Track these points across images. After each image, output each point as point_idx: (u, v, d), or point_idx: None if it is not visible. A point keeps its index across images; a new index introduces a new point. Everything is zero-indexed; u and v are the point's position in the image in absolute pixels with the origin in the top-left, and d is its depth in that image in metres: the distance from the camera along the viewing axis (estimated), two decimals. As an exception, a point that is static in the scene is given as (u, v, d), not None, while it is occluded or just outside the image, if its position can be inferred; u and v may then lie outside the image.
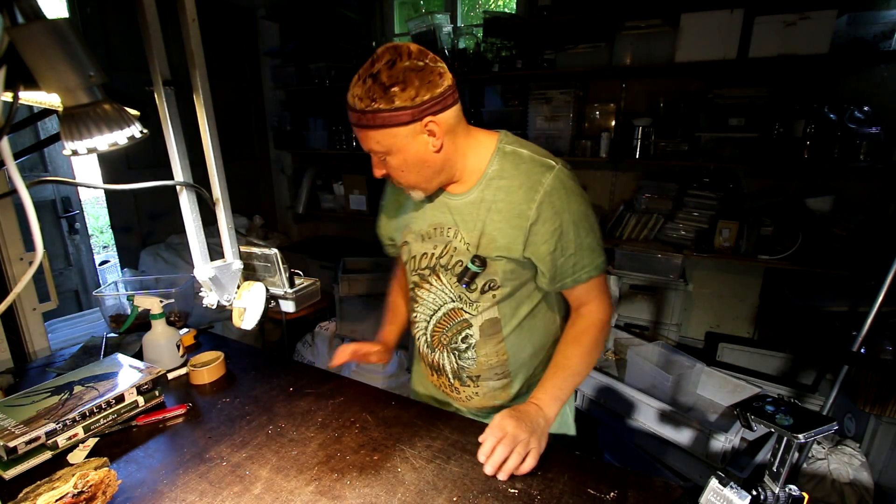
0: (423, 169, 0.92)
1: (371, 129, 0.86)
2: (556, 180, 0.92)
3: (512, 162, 0.95)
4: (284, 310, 1.01)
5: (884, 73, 2.17)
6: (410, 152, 0.89)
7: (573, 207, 0.93)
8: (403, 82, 0.82)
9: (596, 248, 0.97)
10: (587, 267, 0.96)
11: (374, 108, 0.83)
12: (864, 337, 1.48)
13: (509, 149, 0.97)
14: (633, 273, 2.55)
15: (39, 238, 0.64)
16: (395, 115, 0.83)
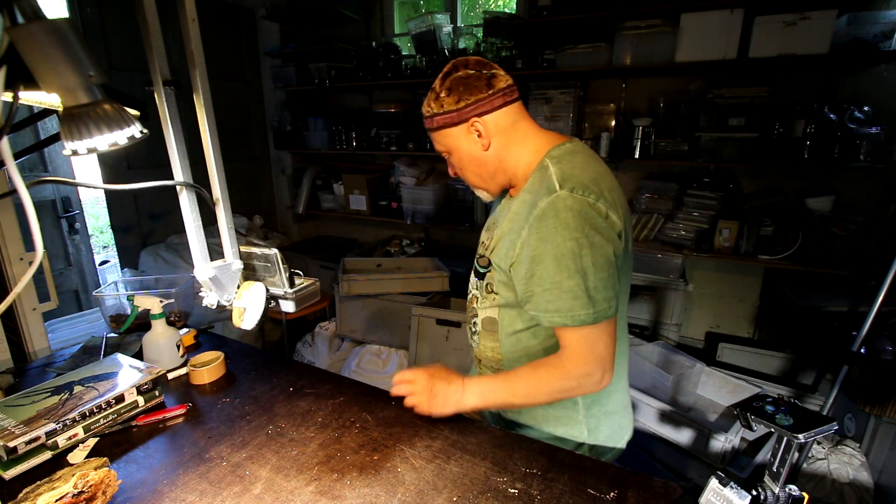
0: (479, 167, 1.00)
1: (431, 131, 1.00)
2: (551, 207, 0.86)
3: (539, 176, 0.94)
4: (284, 310, 1.02)
5: (884, 73, 2.17)
6: (463, 150, 0.98)
7: (559, 241, 0.85)
8: (450, 89, 0.93)
9: (579, 296, 0.85)
10: (561, 311, 0.87)
11: (431, 112, 0.97)
12: (864, 337, 1.48)
13: (546, 162, 0.94)
14: (633, 273, 2.55)
15: (39, 238, 0.64)
16: (444, 117, 0.95)
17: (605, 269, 0.86)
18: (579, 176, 0.89)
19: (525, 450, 0.96)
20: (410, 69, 3.07)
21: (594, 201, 0.86)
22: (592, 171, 0.92)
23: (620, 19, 2.36)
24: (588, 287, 0.85)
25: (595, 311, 0.86)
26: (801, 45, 2.05)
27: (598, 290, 0.86)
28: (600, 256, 0.86)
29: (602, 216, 0.86)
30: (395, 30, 3.52)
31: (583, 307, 0.86)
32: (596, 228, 0.85)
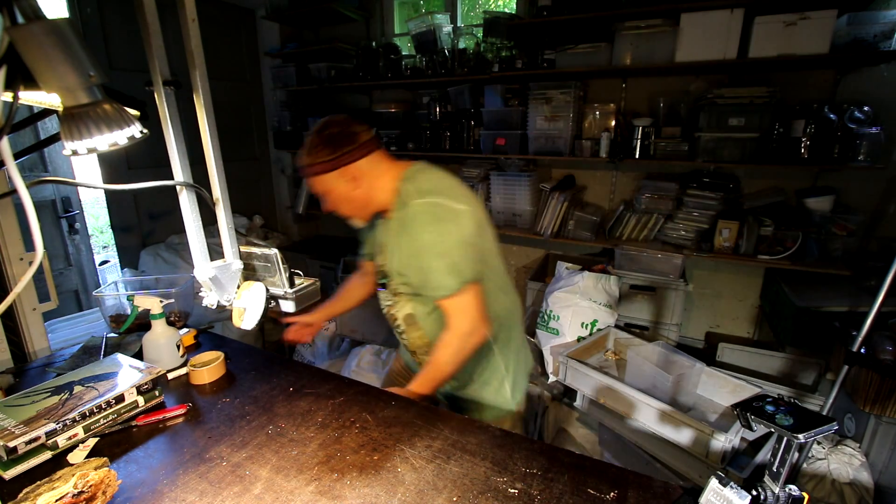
0: (351, 203, 1.22)
1: (309, 177, 1.20)
2: (410, 214, 1.14)
3: (401, 195, 1.19)
4: (284, 310, 1.02)
5: (884, 73, 2.17)
6: (338, 191, 1.19)
7: (422, 236, 1.13)
8: (324, 143, 1.15)
9: (446, 274, 1.12)
10: (438, 288, 1.14)
11: (308, 162, 1.16)
12: (864, 337, 1.48)
13: (398, 185, 1.20)
14: (633, 273, 2.55)
15: (39, 238, 0.64)
16: (321, 166, 1.15)
17: (461, 247, 1.13)
18: (424, 186, 1.17)
19: (525, 450, 0.96)
20: (410, 69, 3.07)
21: (440, 201, 1.14)
22: (434, 180, 1.20)
23: (620, 19, 2.36)
24: (451, 264, 1.12)
25: (459, 281, 1.13)
26: (801, 45, 2.05)
27: (458, 264, 1.12)
28: (454, 238, 1.12)
29: (447, 209, 1.14)
30: (395, 30, 3.52)
31: (452, 279, 1.12)
32: (445, 220, 1.13)
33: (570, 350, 2.09)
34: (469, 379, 1.33)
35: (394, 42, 3.35)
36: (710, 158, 2.37)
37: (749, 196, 2.51)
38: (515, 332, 1.38)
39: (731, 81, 2.42)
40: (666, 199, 2.56)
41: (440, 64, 2.95)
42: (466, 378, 1.33)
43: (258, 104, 3.85)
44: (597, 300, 2.37)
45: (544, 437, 2.21)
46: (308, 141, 1.17)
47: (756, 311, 2.72)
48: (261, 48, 3.76)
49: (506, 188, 2.88)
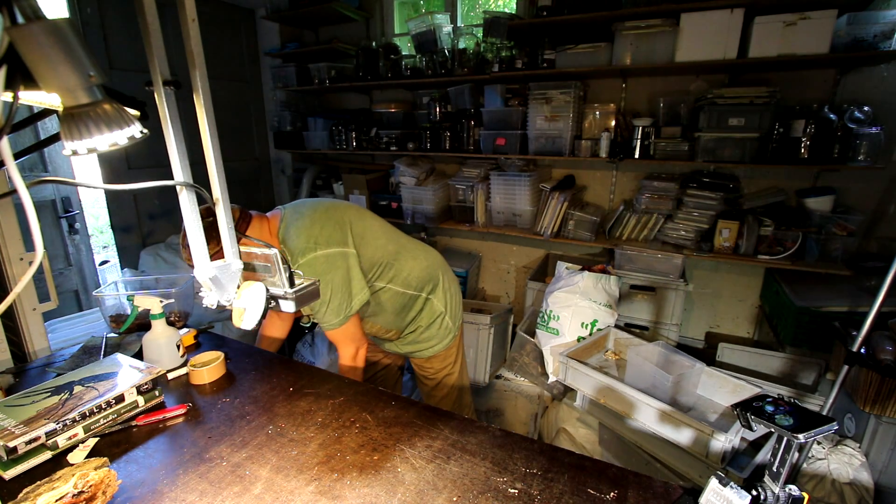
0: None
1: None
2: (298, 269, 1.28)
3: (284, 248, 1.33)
4: (284, 310, 1.01)
5: (884, 73, 2.17)
6: None
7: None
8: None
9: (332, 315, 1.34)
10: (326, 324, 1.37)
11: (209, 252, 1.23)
12: (864, 337, 1.48)
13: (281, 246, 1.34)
14: (633, 273, 2.55)
15: (39, 238, 0.64)
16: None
17: (341, 288, 1.33)
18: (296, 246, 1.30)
19: (525, 450, 0.96)
20: (410, 69, 3.07)
21: (314, 256, 1.29)
22: (302, 233, 1.32)
23: (620, 19, 2.36)
24: (335, 307, 1.33)
25: (341, 318, 1.35)
26: (801, 45, 2.05)
27: (340, 305, 1.33)
28: (335, 284, 1.31)
29: (322, 260, 1.29)
30: (395, 30, 3.52)
31: (336, 318, 1.35)
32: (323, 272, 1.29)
33: (570, 350, 2.09)
34: (416, 328, 1.62)
35: (394, 42, 3.35)
36: (710, 158, 2.37)
37: (749, 196, 2.51)
38: (442, 279, 1.65)
39: (731, 81, 2.42)
40: (666, 199, 2.56)
41: (440, 64, 2.95)
42: (414, 328, 1.62)
43: (258, 104, 3.85)
44: (597, 300, 2.37)
45: (544, 437, 2.21)
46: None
47: (756, 311, 2.72)
48: (261, 48, 3.76)
49: (506, 188, 2.88)
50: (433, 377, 1.73)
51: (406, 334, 1.65)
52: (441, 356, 1.69)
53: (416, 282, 1.56)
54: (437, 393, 1.74)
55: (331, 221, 1.37)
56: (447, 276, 1.70)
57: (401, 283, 1.54)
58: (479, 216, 3.08)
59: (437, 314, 1.64)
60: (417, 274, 1.57)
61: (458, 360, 1.76)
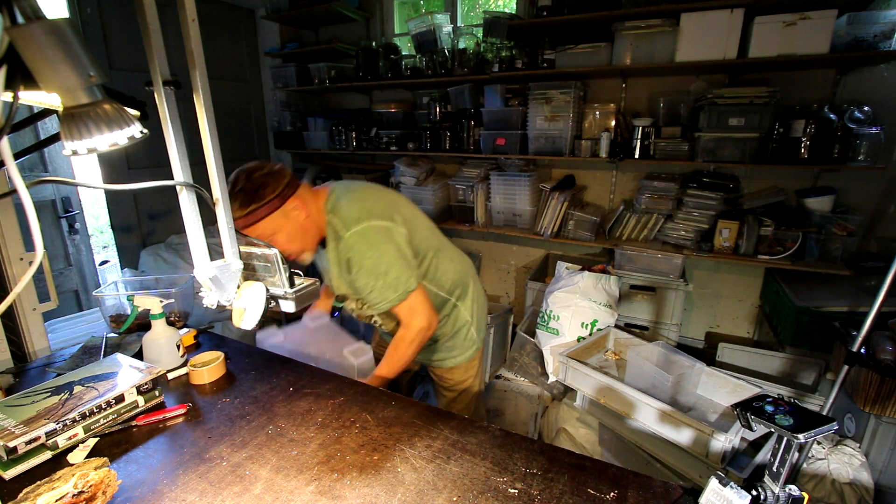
0: (304, 235, 1.28)
1: (254, 224, 1.19)
2: (346, 246, 1.26)
3: (330, 227, 1.31)
4: (284, 310, 1.01)
5: (884, 73, 2.17)
6: (290, 226, 1.24)
7: (362, 262, 1.25)
8: (262, 185, 1.18)
9: (391, 286, 1.26)
10: (386, 301, 1.29)
11: (251, 209, 1.17)
12: (864, 337, 1.48)
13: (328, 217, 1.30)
14: (633, 273, 2.55)
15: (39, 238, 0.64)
16: (268, 206, 1.18)
17: (397, 262, 1.26)
18: (349, 216, 1.27)
19: (525, 450, 0.96)
20: (410, 69, 3.07)
21: (367, 225, 1.25)
22: (355, 204, 1.29)
23: (620, 19, 2.36)
24: (389, 281, 1.25)
25: (401, 292, 1.27)
26: (801, 45, 2.05)
27: (398, 278, 1.26)
28: (390, 256, 1.25)
29: (376, 231, 1.25)
30: (395, 30, 3.52)
31: (392, 293, 1.27)
32: (377, 242, 1.25)
33: (570, 350, 2.09)
34: (441, 335, 1.55)
35: (394, 42, 3.35)
36: (710, 158, 2.37)
37: (749, 196, 2.51)
38: (471, 286, 1.58)
39: (731, 81, 2.42)
40: (666, 199, 2.56)
41: (440, 64, 2.95)
42: (438, 335, 1.54)
43: (258, 104, 3.86)
44: (597, 300, 2.37)
45: (544, 437, 2.21)
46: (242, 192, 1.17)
47: (756, 311, 2.72)
48: (261, 48, 3.76)
49: (506, 188, 2.88)
50: (453, 388, 1.65)
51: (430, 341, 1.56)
52: (462, 367, 1.62)
53: (448, 284, 1.49)
54: (455, 405, 1.68)
55: (382, 199, 1.34)
56: (476, 286, 1.63)
57: (434, 283, 1.46)
58: (479, 216, 3.08)
59: (463, 323, 1.57)
60: (451, 276, 1.50)
61: (479, 372, 1.69)
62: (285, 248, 1.26)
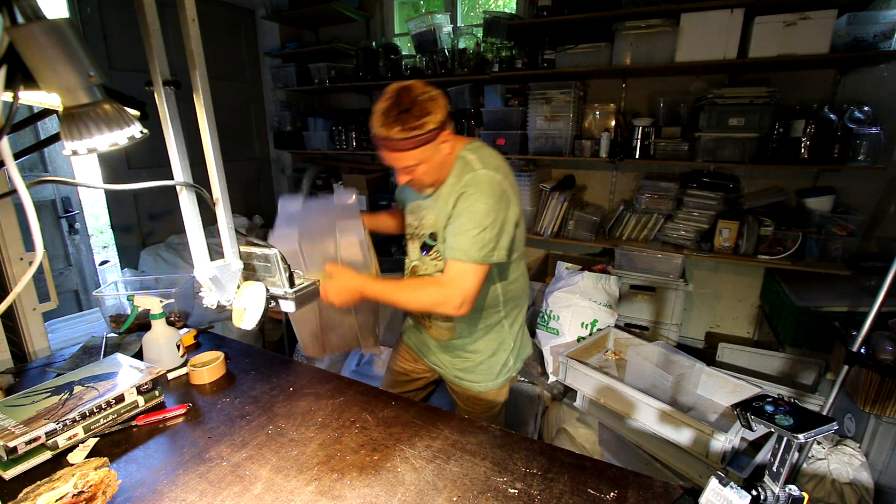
0: (441, 169, 1.20)
1: (409, 150, 1.11)
2: (474, 180, 1.16)
3: (459, 165, 1.22)
4: (284, 310, 1.01)
5: (884, 73, 2.17)
6: (435, 159, 1.16)
7: (475, 203, 1.14)
8: (429, 112, 1.10)
9: (476, 242, 1.13)
10: (457, 249, 1.15)
11: (414, 134, 1.09)
12: (864, 337, 1.48)
13: (462, 153, 1.23)
14: (633, 273, 2.55)
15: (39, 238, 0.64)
16: (427, 135, 1.11)
17: (499, 226, 1.15)
18: (490, 162, 1.20)
19: (525, 450, 0.96)
20: (410, 69, 3.07)
21: (501, 179, 1.17)
22: (497, 160, 1.22)
23: (620, 19, 2.36)
24: (483, 237, 1.13)
25: (481, 255, 1.13)
26: (801, 45, 2.05)
27: (489, 241, 1.14)
28: (499, 218, 1.15)
29: (504, 190, 1.17)
30: (395, 30, 3.52)
31: (474, 250, 1.13)
32: (499, 198, 1.15)
33: (570, 350, 2.09)
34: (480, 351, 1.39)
35: (394, 42, 3.35)
36: (710, 158, 2.37)
37: (749, 196, 2.51)
38: (523, 312, 1.46)
39: (731, 81, 2.42)
40: (666, 199, 2.56)
41: (440, 64, 2.95)
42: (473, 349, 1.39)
43: (258, 104, 3.85)
44: (597, 300, 2.37)
45: (544, 437, 2.21)
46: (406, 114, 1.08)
47: (756, 311, 2.72)
48: (261, 48, 3.75)
49: (506, 188, 2.88)
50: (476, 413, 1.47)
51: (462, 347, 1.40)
52: (493, 393, 1.43)
53: (508, 294, 1.34)
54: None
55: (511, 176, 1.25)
56: (524, 311, 1.48)
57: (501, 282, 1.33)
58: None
59: (507, 347, 1.41)
60: (514, 288, 1.36)
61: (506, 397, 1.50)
62: (420, 179, 1.19)
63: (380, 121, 1.10)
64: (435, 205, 1.26)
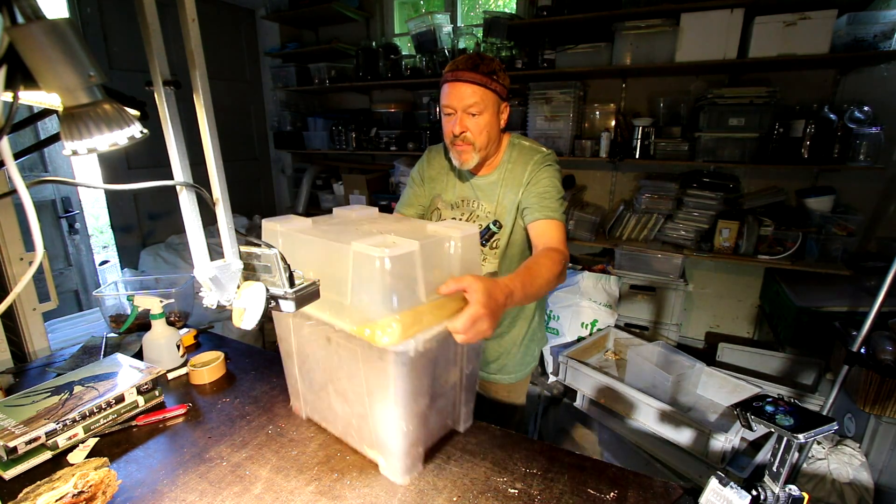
0: (492, 135, 1.25)
1: (485, 87, 1.19)
2: (542, 158, 1.29)
3: (518, 151, 1.32)
4: (284, 310, 1.01)
5: (884, 73, 2.17)
6: (492, 117, 1.23)
7: (552, 175, 1.28)
8: (504, 71, 1.24)
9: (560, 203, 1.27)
10: (552, 209, 1.24)
11: (494, 78, 1.19)
12: (864, 337, 1.48)
13: (517, 141, 1.34)
14: (633, 273, 2.55)
15: (39, 238, 0.64)
16: (501, 87, 1.22)
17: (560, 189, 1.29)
18: (540, 148, 1.34)
19: (525, 450, 0.96)
20: (410, 69, 3.07)
21: (550, 153, 1.33)
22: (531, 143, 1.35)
23: (620, 19, 2.36)
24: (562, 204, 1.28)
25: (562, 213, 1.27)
26: (801, 45, 2.05)
27: (561, 203, 1.28)
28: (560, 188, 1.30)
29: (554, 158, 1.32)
30: (395, 30, 3.52)
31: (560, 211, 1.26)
32: (560, 171, 1.32)
33: (570, 350, 2.09)
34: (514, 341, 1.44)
35: (394, 42, 3.35)
36: (710, 158, 2.37)
37: (749, 196, 2.51)
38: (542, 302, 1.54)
39: (731, 81, 2.42)
40: (666, 199, 2.56)
41: (440, 64, 2.95)
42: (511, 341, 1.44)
43: (258, 104, 3.85)
44: (597, 300, 2.37)
45: (544, 437, 2.21)
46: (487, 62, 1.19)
47: (756, 311, 2.72)
48: (261, 48, 3.75)
49: (506, 188, 2.88)
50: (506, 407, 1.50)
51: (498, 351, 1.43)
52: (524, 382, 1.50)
53: None
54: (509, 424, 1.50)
55: None
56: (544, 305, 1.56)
57: None
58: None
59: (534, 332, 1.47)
60: None
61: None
62: (477, 132, 1.22)
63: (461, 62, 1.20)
64: (495, 190, 1.32)
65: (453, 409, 0.97)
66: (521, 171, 1.29)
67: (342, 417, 0.94)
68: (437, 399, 0.89)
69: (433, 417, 0.90)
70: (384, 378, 0.77)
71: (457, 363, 0.91)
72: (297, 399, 1.06)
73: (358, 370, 0.83)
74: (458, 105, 1.20)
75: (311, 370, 0.97)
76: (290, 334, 1.00)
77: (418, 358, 0.75)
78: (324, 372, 0.93)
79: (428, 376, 0.81)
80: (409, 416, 0.81)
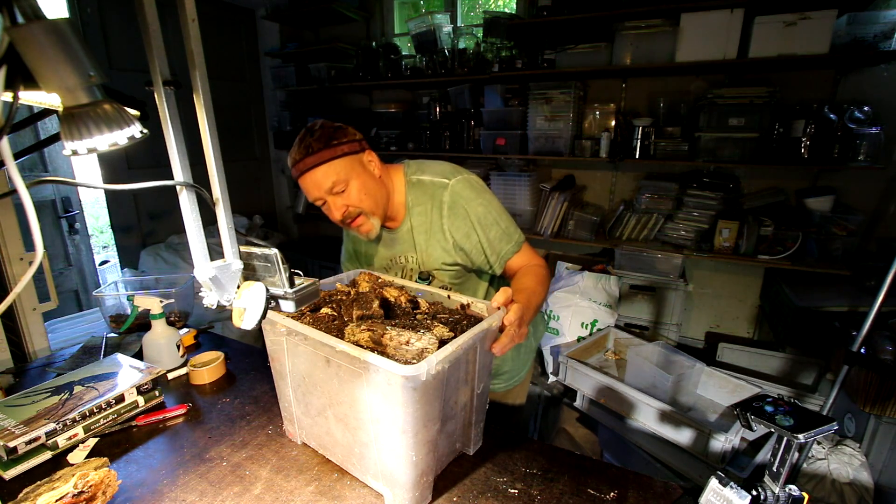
0: (377, 192, 1.14)
1: (333, 159, 1.08)
2: (452, 194, 1.15)
3: (419, 190, 1.19)
4: (284, 310, 1.01)
5: (884, 73, 2.17)
6: (364, 176, 1.12)
7: (478, 210, 1.15)
8: (342, 129, 1.11)
9: (508, 232, 1.18)
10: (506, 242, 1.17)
11: (333, 144, 1.08)
12: (864, 337, 1.48)
13: (414, 179, 1.20)
14: (633, 273, 2.55)
15: (39, 238, 0.64)
16: (350, 145, 1.10)
17: (503, 210, 1.19)
18: (442, 170, 1.19)
19: (525, 450, 0.96)
20: (410, 69, 3.07)
21: (466, 176, 1.18)
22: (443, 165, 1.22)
23: (620, 19, 2.36)
24: (507, 226, 1.18)
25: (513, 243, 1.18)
26: (801, 45, 2.05)
27: (509, 227, 1.18)
28: (497, 204, 1.19)
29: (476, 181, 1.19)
30: (395, 30, 3.52)
31: (514, 235, 1.18)
32: (482, 189, 1.18)
33: (570, 350, 2.09)
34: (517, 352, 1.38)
35: (394, 42, 3.35)
36: (710, 158, 2.37)
37: (749, 196, 2.51)
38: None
39: (731, 81, 2.42)
40: (666, 199, 2.56)
41: (440, 64, 2.95)
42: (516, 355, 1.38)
43: (258, 104, 3.86)
44: (597, 300, 2.37)
45: (544, 437, 2.21)
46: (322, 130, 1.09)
47: (756, 311, 2.72)
48: (261, 48, 3.76)
49: (506, 188, 2.88)
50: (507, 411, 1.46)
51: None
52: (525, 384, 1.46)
53: None
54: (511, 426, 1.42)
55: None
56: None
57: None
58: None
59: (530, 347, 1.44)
60: None
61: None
62: (358, 201, 1.12)
63: (295, 151, 1.09)
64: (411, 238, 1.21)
65: (463, 432, 0.93)
66: (436, 217, 1.17)
67: (343, 445, 0.87)
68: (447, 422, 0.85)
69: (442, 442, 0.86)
70: (392, 404, 0.72)
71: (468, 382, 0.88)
72: (292, 423, 0.99)
73: (362, 394, 0.77)
74: (322, 192, 1.10)
75: (308, 393, 0.90)
76: (283, 353, 0.92)
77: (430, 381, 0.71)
78: (322, 396, 0.86)
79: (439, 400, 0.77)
80: (419, 445, 0.75)
